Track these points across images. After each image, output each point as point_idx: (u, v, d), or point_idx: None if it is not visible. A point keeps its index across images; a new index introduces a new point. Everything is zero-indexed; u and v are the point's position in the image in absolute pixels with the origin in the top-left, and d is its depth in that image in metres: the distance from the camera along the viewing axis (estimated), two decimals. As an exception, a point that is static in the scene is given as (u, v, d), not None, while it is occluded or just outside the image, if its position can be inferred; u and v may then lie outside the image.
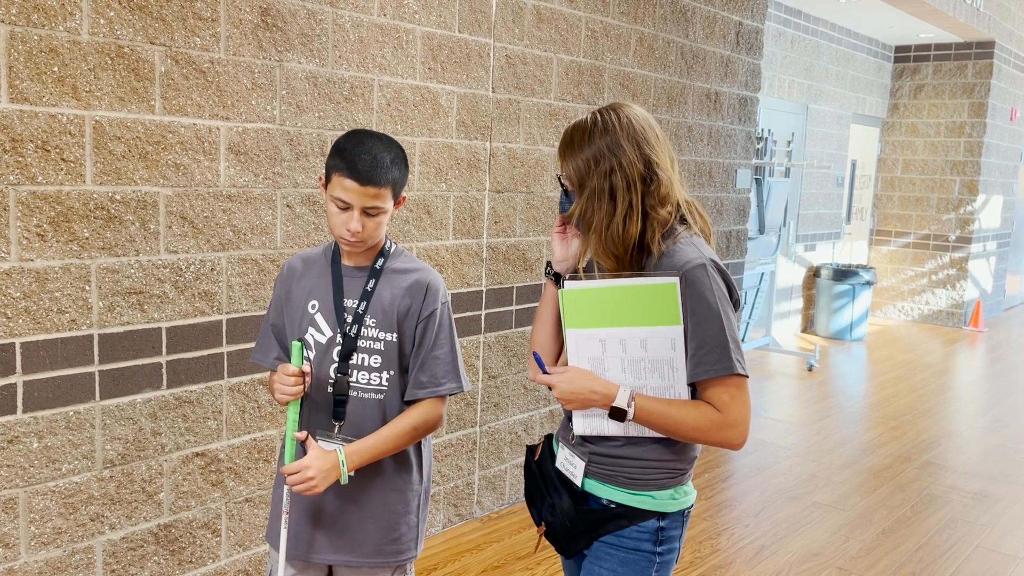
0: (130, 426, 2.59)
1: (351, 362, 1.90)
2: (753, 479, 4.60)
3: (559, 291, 1.67)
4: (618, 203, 1.63)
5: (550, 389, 1.69)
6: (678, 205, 1.70)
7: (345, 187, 1.81)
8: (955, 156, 9.42)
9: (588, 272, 1.76)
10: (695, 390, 1.66)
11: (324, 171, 1.89)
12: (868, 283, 8.56)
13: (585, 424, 1.70)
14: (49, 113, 2.33)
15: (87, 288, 2.46)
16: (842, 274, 8.57)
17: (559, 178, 1.74)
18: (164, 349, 2.65)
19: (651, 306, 1.61)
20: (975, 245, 9.50)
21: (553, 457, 1.84)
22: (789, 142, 7.77)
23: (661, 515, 1.69)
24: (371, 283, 1.92)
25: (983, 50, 9.15)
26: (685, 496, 1.73)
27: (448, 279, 3.56)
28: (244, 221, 2.81)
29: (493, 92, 3.62)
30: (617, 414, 1.62)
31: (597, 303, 1.64)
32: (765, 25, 5.43)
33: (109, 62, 2.43)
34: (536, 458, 1.87)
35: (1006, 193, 10.26)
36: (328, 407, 1.92)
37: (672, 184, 1.68)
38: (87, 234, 2.44)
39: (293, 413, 1.85)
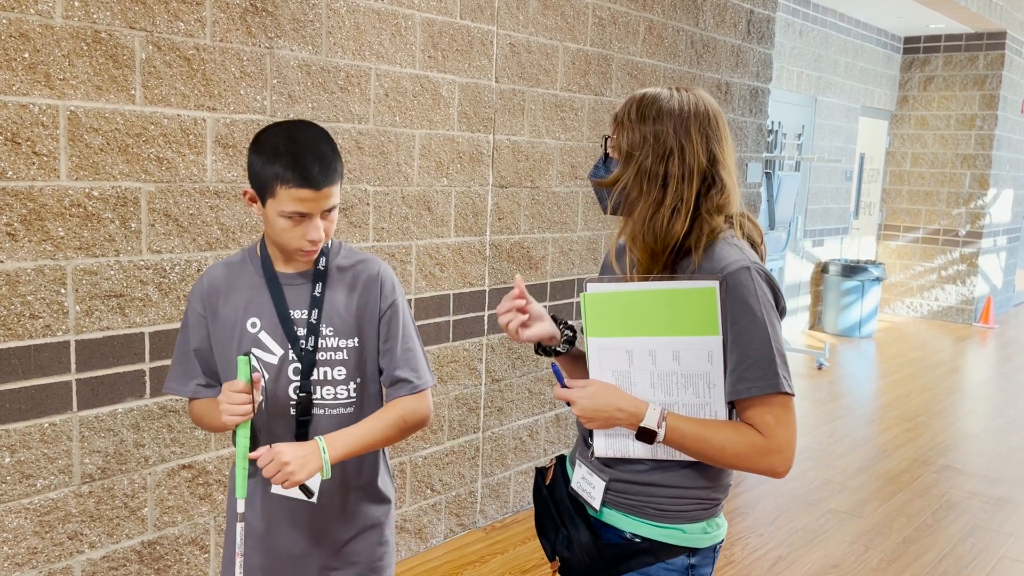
0: (111, 438, 2.42)
1: (312, 378, 1.69)
2: (766, 484, 4.44)
3: (581, 295, 1.49)
4: (668, 193, 1.46)
5: (569, 405, 1.51)
6: (732, 219, 1.52)
7: (300, 198, 1.56)
8: (965, 149, 9.23)
9: (619, 259, 1.58)
10: (731, 408, 1.49)
11: (254, 184, 1.61)
12: (877, 279, 8.39)
13: (608, 445, 1.52)
14: (20, 103, 2.16)
15: (62, 291, 2.29)
16: (851, 270, 8.39)
17: (606, 140, 1.56)
18: (147, 356, 2.48)
19: (686, 313, 1.43)
20: (985, 240, 9.32)
21: (567, 480, 1.65)
22: (799, 135, 7.59)
23: (692, 551, 1.51)
24: (318, 288, 1.70)
25: (994, 41, 8.96)
26: (717, 529, 1.55)
27: (449, 278, 3.39)
28: (233, 219, 2.64)
29: (496, 82, 3.45)
30: (645, 435, 1.44)
31: (624, 309, 1.46)
32: (776, 14, 5.26)
33: (85, 48, 2.26)
34: (547, 482, 1.69)
35: (1017, 187, 10.08)
36: (290, 432, 1.70)
37: (734, 191, 1.51)
38: (62, 233, 2.27)
39: (243, 438, 1.60)
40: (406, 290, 3.20)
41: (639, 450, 1.50)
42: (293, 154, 1.56)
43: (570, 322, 1.69)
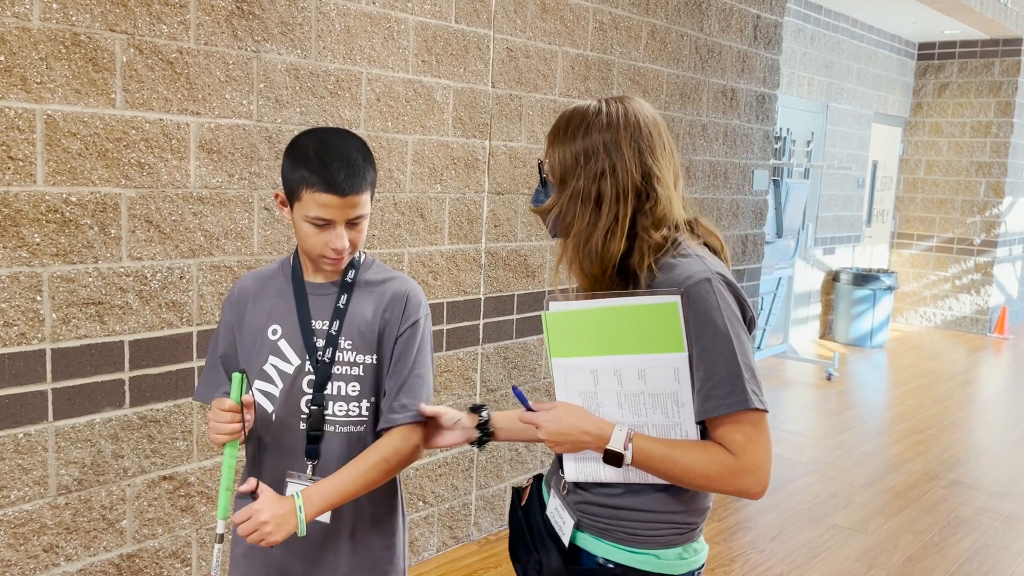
0: (88, 449, 2.37)
1: (326, 392, 1.65)
2: (769, 498, 4.34)
3: (542, 314, 1.43)
4: (603, 214, 1.39)
5: (537, 429, 1.45)
6: (677, 227, 1.45)
7: (323, 203, 1.54)
8: (980, 157, 9.10)
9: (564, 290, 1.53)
10: (705, 428, 1.41)
11: (284, 187, 1.61)
12: (889, 288, 8.26)
13: (578, 469, 1.45)
14: (-6, 106, 2.11)
15: (38, 299, 2.24)
16: (862, 279, 8.27)
17: (540, 165, 1.50)
18: (127, 364, 2.43)
19: (649, 330, 1.35)
20: (1001, 249, 9.17)
21: (543, 504, 1.58)
22: (808, 142, 7.49)
23: None
24: (343, 299, 1.67)
25: (1011, 47, 8.82)
26: (695, 555, 1.48)
27: (443, 287, 3.32)
28: (217, 225, 2.59)
29: (493, 87, 3.39)
30: (612, 458, 1.36)
31: (586, 327, 1.39)
32: (784, 20, 5.17)
33: (63, 51, 2.21)
34: (523, 503, 1.62)
35: (1033, 195, 9.92)
36: (300, 446, 1.66)
37: (671, 204, 1.43)
38: (38, 239, 2.22)
39: (230, 457, 1.56)
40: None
41: (610, 474, 1.43)
42: (321, 158, 1.54)
43: (485, 416, 1.70)
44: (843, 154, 8.37)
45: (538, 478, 1.65)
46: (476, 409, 1.70)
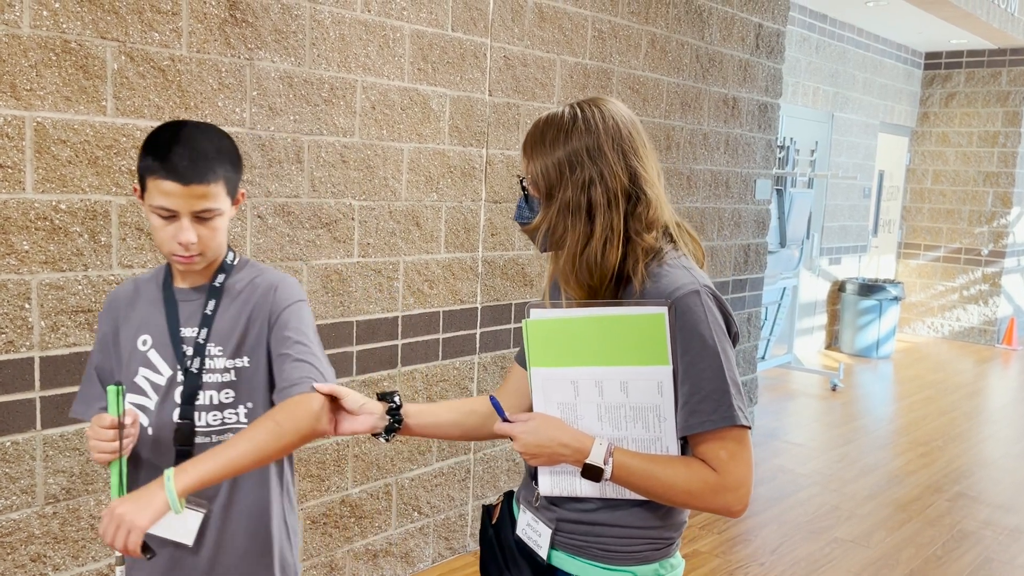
0: (76, 457, 2.36)
1: (197, 403, 1.55)
2: (770, 510, 4.30)
3: (523, 322, 1.40)
4: (596, 223, 1.35)
5: (512, 440, 1.42)
6: (666, 228, 1.41)
7: (165, 191, 1.46)
8: (988, 167, 9.04)
9: (554, 298, 1.49)
10: (685, 444, 1.38)
11: (137, 176, 1.53)
12: (896, 298, 8.20)
13: (553, 483, 1.42)
14: (-17, 114, 2.11)
15: (27, 306, 2.23)
16: (868, 289, 8.22)
17: (521, 181, 1.45)
18: (117, 372, 2.42)
19: (634, 341, 1.32)
20: (1009, 259, 9.10)
21: (514, 522, 1.55)
22: (813, 151, 7.46)
23: None
24: (211, 305, 1.58)
25: (1018, 57, 8.78)
26: (672, 571, 1.44)
27: (439, 296, 3.31)
28: (209, 233, 2.58)
29: (490, 95, 3.38)
30: (591, 472, 1.33)
31: (568, 336, 1.36)
32: (787, 29, 5.15)
33: (54, 58, 2.21)
34: (493, 522, 1.58)
35: (1041, 206, 9.85)
36: (172, 463, 1.52)
37: (661, 205, 1.40)
38: (27, 247, 2.21)
39: (116, 477, 1.44)
40: (393, 307, 3.13)
41: (586, 488, 1.39)
42: (168, 145, 1.48)
43: (396, 403, 1.55)
44: (849, 164, 8.32)
45: (508, 495, 1.62)
46: (385, 396, 1.56)
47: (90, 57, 2.27)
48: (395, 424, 1.55)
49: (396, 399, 1.56)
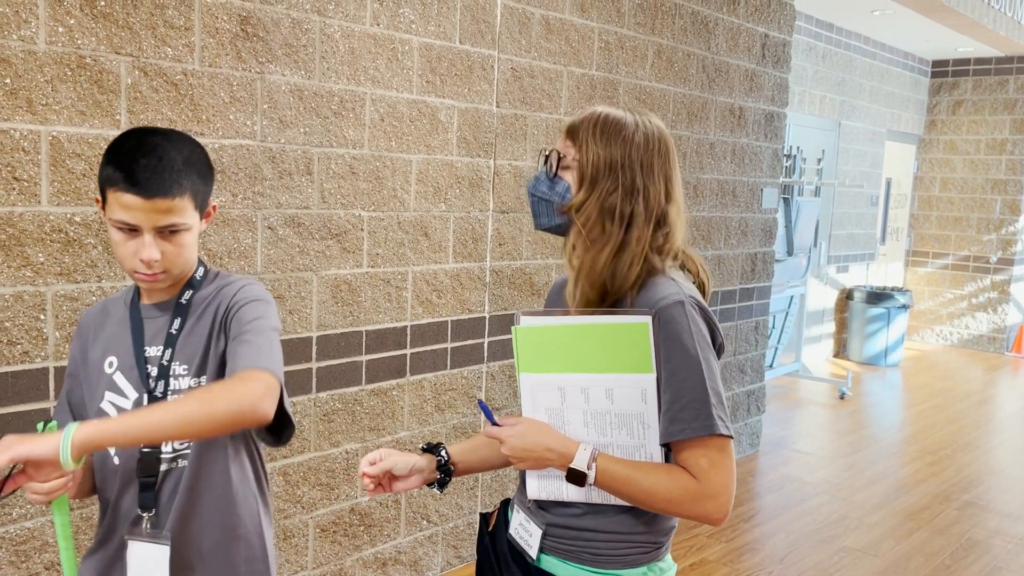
0: (90, 466, 2.39)
1: None
2: (778, 519, 4.30)
3: (512, 328, 1.43)
4: (632, 237, 1.38)
5: (501, 444, 1.44)
6: (676, 256, 1.45)
7: (125, 204, 1.35)
8: (996, 174, 9.03)
9: (561, 289, 1.52)
10: (670, 450, 1.41)
11: (98, 187, 1.44)
12: (904, 306, 8.20)
13: (540, 487, 1.45)
14: (0, 129, 2.15)
15: (42, 317, 2.26)
16: (876, 297, 8.21)
17: (547, 156, 1.44)
18: (130, 382, 2.45)
19: (619, 349, 1.35)
20: (1018, 267, 9.08)
21: (508, 526, 1.58)
22: (820, 160, 7.46)
23: None
24: (176, 323, 1.48)
25: (1025, 64, 8.78)
26: (662, 574, 1.47)
27: (448, 305, 3.33)
28: (220, 244, 2.61)
29: (497, 107, 3.41)
30: (575, 477, 1.36)
31: (556, 343, 1.39)
32: (794, 38, 5.17)
33: (69, 73, 2.25)
34: (490, 529, 1.61)
35: (1050, 213, 9.82)
36: (137, 494, 1.45)
37: (678, 232, 1.44)
38: (42, 259, 2.25)
39: (60, 516, 1.37)
40: (401, 317, 3.15)
41: (572, 493, 1.42)
42: (131, 154, 1.36)
43: (444, 457, 1.58)
44: (856, 172, 8.33)
45: (505, 503, 1.64)
46: (431, 449, 1.59)
47: (104, 72, 2.31)
48: (446, 477, 1.59)
49: (443, 453, 1.59)
